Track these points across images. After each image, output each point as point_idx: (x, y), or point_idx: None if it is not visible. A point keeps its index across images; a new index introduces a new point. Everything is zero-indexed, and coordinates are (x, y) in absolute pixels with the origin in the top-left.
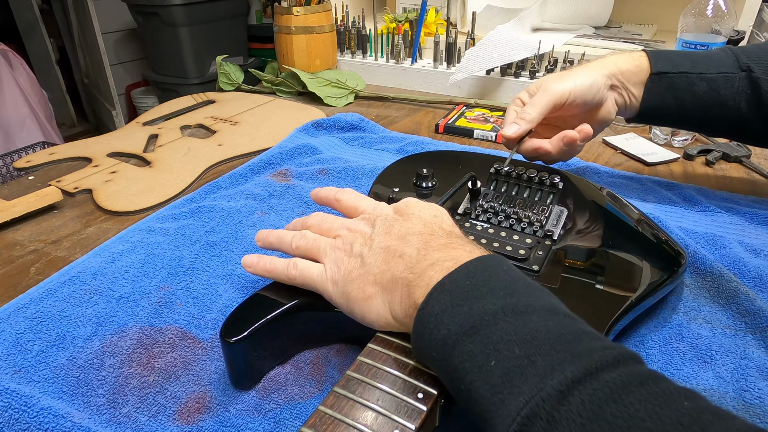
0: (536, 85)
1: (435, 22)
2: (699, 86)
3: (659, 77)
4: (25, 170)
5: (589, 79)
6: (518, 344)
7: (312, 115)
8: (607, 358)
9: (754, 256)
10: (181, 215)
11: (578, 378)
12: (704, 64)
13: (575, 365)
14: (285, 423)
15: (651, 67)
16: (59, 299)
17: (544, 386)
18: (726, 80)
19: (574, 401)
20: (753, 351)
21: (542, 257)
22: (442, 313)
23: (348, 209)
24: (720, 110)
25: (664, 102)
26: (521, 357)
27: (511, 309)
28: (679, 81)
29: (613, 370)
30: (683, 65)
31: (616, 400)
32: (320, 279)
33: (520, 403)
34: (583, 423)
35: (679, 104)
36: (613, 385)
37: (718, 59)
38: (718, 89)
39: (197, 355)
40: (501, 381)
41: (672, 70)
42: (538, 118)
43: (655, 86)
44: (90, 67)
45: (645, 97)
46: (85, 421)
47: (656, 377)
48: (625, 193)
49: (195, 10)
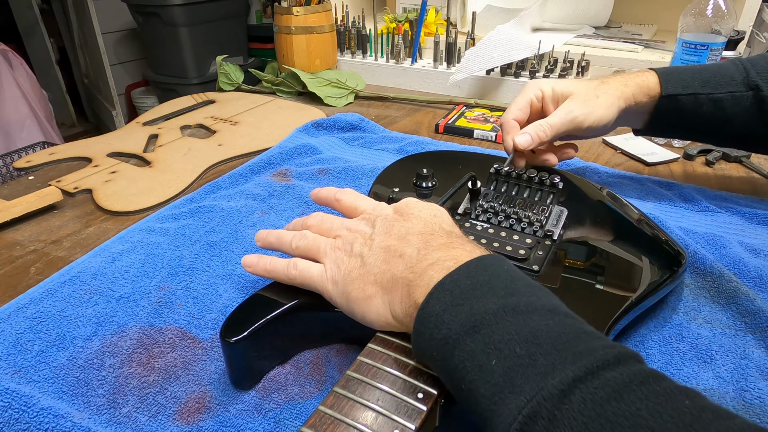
0: (562, 93)
1: (435, 22)
2: (706, 106)
3: (668, 99)
4: (25, 170)
5: (608, 116)
6: (519, 343)
7: (312, 115)
8: (608, 357)
9: (754, 256)
10: (181, 215)
11: (580, 377)
12: (714, 83)
13: (576, 364)
14: (285, 423)
15: (661, 89)
16: (59, 299)
17: (546, 385)
18: (734, 99)
19: (576, 400)
20: (753, 351)
21: (542, 257)
22: (442, 313)
23: (348, 209)
24: (726, 127)
25: (670, 122)
26: (522, 356)
27: (512, 308)
28: (687, 102)
29: (615, 369)
30: (693, 86)
31: (617, 399)
32: (320, 279)
33: (521, 402)
34: (584, 422)
35: (685, 123)
36: (614, 384)
37: (729, 76)
38: (724, 108)
39: (197, 355)
40: (502, 380)
41: (681, 92)
42: (550, 140)
43: (664, 108)
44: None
45: (652, 118)
46: (85, 421)
47: (657, 376)
48: (625, 193)
49: (195, 10)
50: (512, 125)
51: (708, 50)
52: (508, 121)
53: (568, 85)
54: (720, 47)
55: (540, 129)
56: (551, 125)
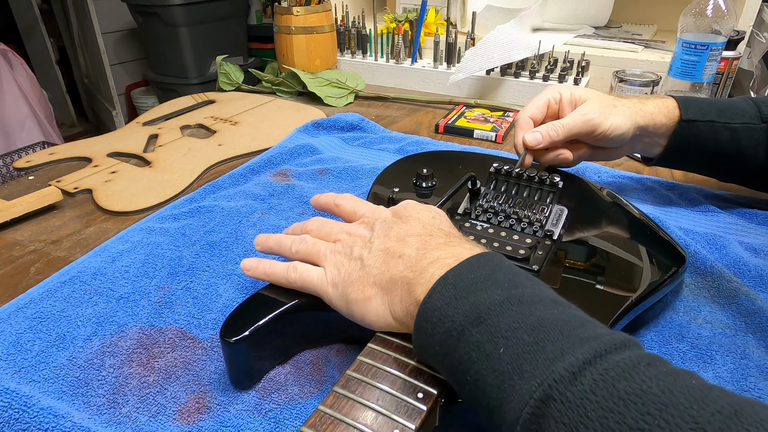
0: (580, 97)
1: (435, 22)
2: (723, 135)
3: (688, 125)
4: (25, 170)
5: (625, 125)
6: (526, 331)
7: (312, 115)
8: (615, 341)
9: (754, 256)
10: (181, 215)
11: (589, 359)
12: (730, 113)
13: (584, 348)
14: (285, 423)
15: (681, 114)
16: (59, 299)
17: (556, 368)
18: (748, 131)
19: (587, 381)
20: (753, 351)
21: (542, 257)
22: (446, 306)
23: (347, 214)
24: (739, 159)
25: (686, 148)
26: (530, 343)
27: (516, 299)
28: (705, 129)
29: (622, 352)
30: (710, 114)
31: (627, 378)
32: (320, 282)
33: (532, 386)
34: (597, 401)
35: (700, 152)
36: (623, 365)
37: (742, 110)
38: (739, 139)
39: (197, 355)
40: (510, 368)
41: (700, 118)
42: (562, 140)
43: (683, 133)
44: (90, 67)
45: (670, 143)
46: (85, 421)
47: (662, 360)
48: (625, 193)
49: (195, 10)
50: (526, 122)
51: (708, 50)
52: (523, 118)
53: (586, 92)
54: (720, 47)
55: (552, 128)
56: (564, 125)
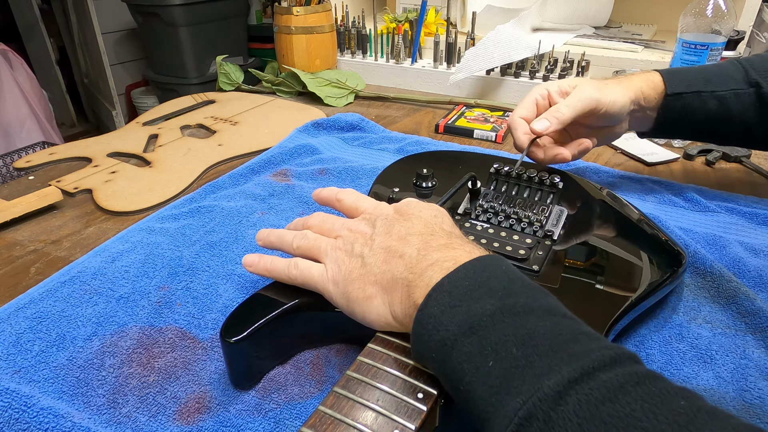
0: (569, 85)
1: (435, 22)
2: (711, 104)
3: (674, 98)
4: (25, 170)
5: (622, 99)
6: (516, 345)
7: (312, 115)
8: (605, 358)
9: (754, 256)
10: (181, 215)
11: (575, 378)
12: (716, 81)
13: (572, 365)
14: (285, 423)
15: (666, 87)
16: (59, 299)
17: (541, 386)
18: (736, 96)
19: (571, 401)
20: (753, 351)
21: (542, 257)
22: (440, 314)
23: (349, 209)
24: (730, 125)
25: (676, 120)
26: (519, 357)
27: (509, 309)
28: (692, 100)
29: (610, 370)
30: (696, 84)
31: (612, 400)
32: (321, 279)
33: (517, 403)
34: (579, 423)
35: (691, 122)
36: (609, 385)
37: (729, 75)
38: (728, 106)
39: (197, 355)
40: (499, 382)
41: (686, 90)
42: (569, 120)
43: (670, 106)
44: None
45: (659, 116)
46: (85, 421)
47: (654, 377)
48: (625, 193)
49: (195, 10)
50: (520, 122)
51: (708, 50)
52: (515, 120)
53: (574, 80)
54: (720, 47)
55: (556, 111)
56: (568, 105)
